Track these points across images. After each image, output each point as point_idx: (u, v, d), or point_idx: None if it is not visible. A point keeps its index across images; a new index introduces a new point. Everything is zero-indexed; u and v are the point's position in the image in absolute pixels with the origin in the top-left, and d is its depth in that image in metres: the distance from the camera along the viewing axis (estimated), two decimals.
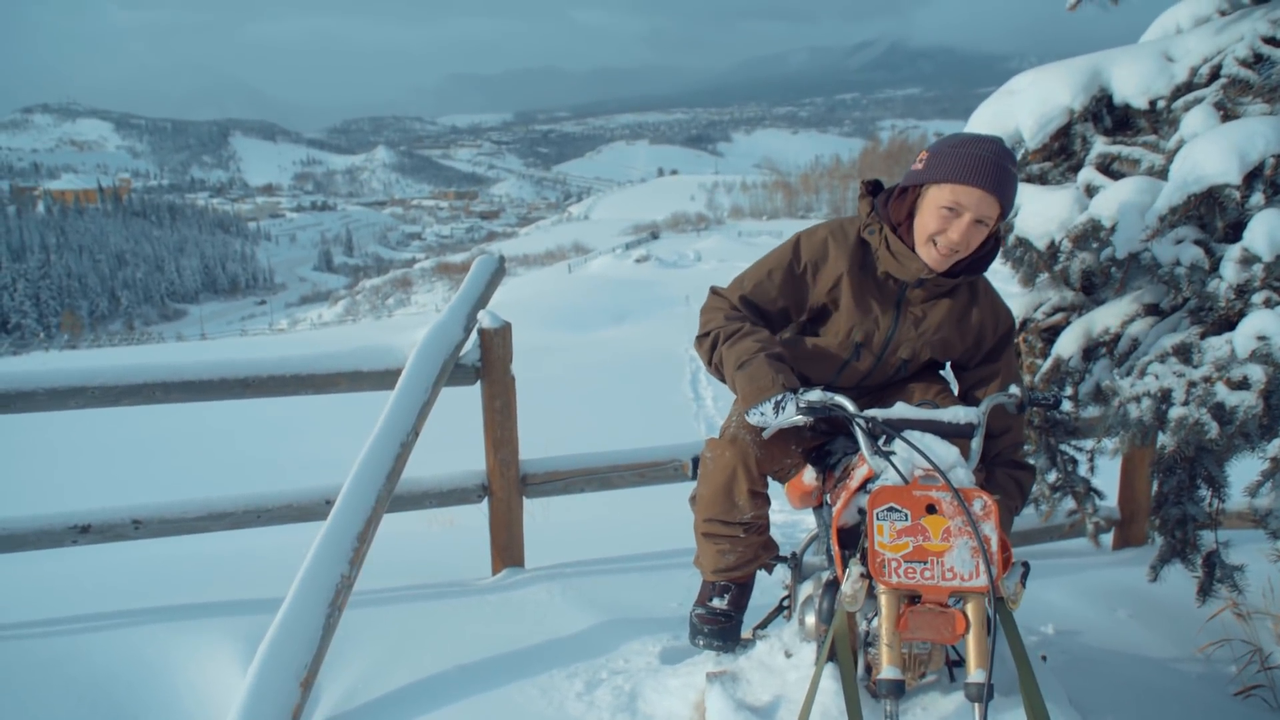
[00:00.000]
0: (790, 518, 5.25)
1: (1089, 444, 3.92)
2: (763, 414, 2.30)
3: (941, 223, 2.33)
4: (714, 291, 2.60)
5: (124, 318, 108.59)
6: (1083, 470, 3.87)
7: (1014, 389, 2.36)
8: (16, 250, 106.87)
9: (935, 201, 2.33)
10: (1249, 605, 3.39)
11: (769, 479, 2.62)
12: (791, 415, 2.27)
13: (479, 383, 3.78)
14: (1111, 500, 4.40)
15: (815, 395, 2.26)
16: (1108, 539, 4.59)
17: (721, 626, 2.69)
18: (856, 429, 2.20)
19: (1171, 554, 3.49)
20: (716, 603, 2.70)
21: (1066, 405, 3.52)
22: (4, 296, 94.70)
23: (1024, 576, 2.07)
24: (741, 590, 2.73)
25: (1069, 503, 3.92)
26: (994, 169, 2.28)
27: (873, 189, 2.56)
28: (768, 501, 2.60)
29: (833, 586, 2.35)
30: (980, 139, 2.35)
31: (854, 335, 2.54)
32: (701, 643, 2.72)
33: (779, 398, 2.27)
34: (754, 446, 2.50)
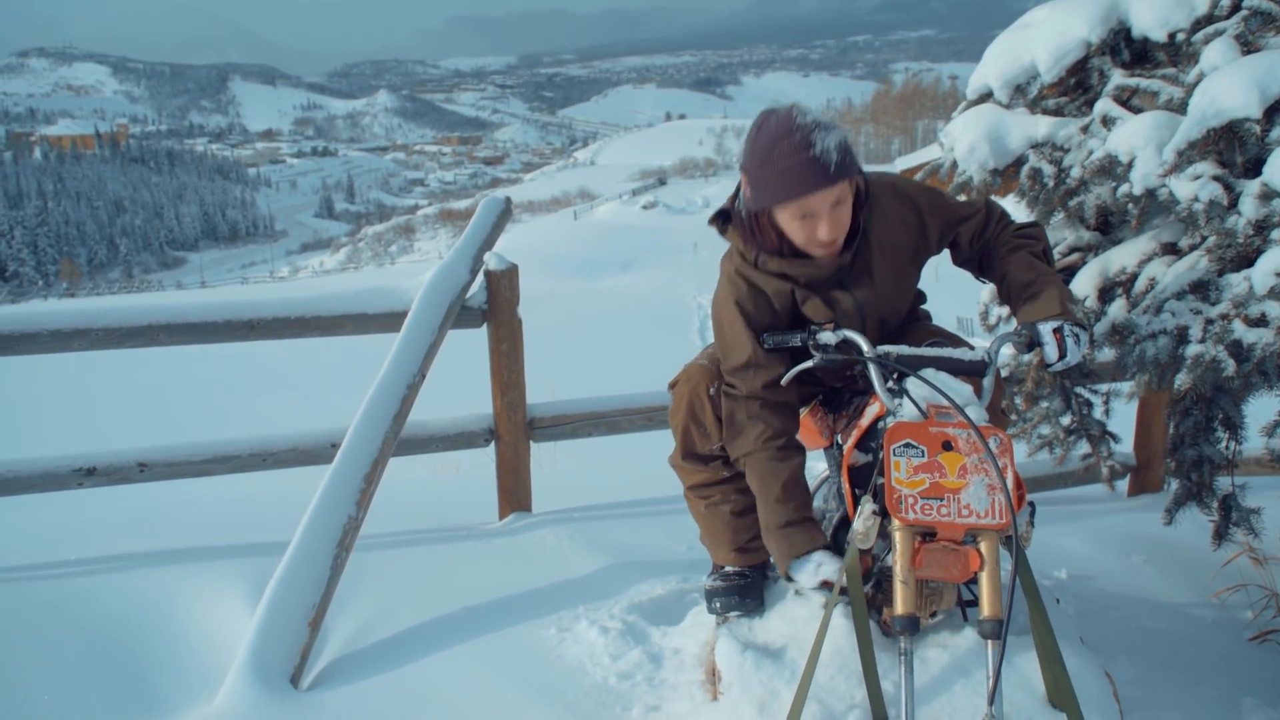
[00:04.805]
0: None
1: (1104, 387, 3.87)
2: (804, 572, 2.28)
3: (807, 231, 2.23)
4: (727, 395, 2.42)
5: (123, 265, 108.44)
6: (1098, 414, 3.83)
7: (1020, 329, 2.28)
8: (13, 197, 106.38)
9: (788, 218, 2.23)
10: (1265, 550, 3.34)
11: None
12: (831, 568, 2.25)
13: (485, 325, 3.74)
14: (1127, 446, 4.37)
15: (828, 336, 2.22)
16: (1123, 485, 4.55)
17: (737, 584, 2.52)
18: (870, 366, 2.16)
19: (1187, 497, 3.45)
20: (730, 569, 2.57)
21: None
22: (1, 244, 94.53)
23: (1031, 516, 2.06)
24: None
25: (1083, 446, 3.89)
26: (810, 169, 2.12)
27: (723, 218, 2.43)
28: None
29: (844, 525, 2.33)
30: (778, 139, 2.15)
31: (837, 321, 2.41)
32: (719, 604, 2.51)
33: (817, 556, 2.26)
34: (704, 374, 2.47)
